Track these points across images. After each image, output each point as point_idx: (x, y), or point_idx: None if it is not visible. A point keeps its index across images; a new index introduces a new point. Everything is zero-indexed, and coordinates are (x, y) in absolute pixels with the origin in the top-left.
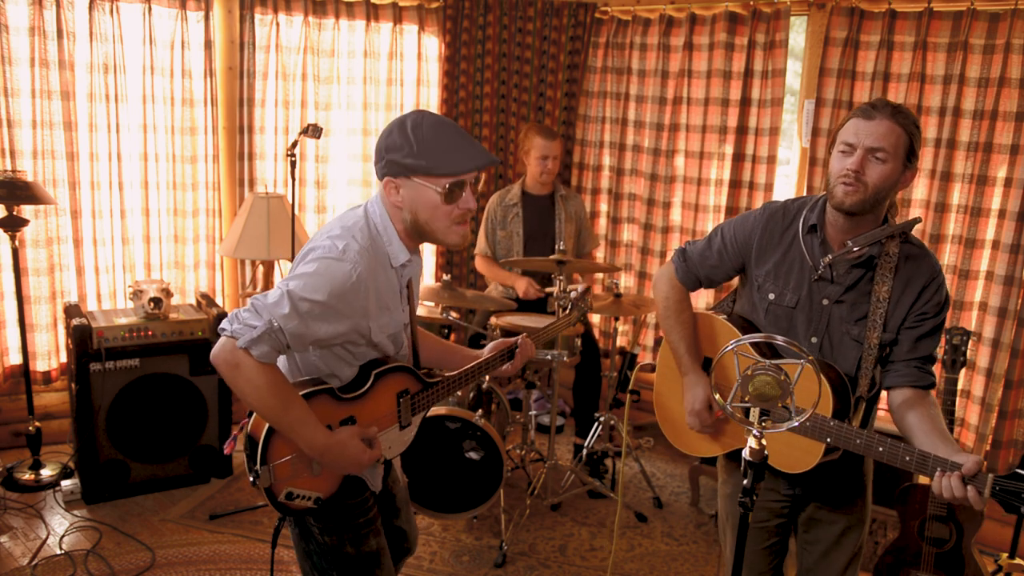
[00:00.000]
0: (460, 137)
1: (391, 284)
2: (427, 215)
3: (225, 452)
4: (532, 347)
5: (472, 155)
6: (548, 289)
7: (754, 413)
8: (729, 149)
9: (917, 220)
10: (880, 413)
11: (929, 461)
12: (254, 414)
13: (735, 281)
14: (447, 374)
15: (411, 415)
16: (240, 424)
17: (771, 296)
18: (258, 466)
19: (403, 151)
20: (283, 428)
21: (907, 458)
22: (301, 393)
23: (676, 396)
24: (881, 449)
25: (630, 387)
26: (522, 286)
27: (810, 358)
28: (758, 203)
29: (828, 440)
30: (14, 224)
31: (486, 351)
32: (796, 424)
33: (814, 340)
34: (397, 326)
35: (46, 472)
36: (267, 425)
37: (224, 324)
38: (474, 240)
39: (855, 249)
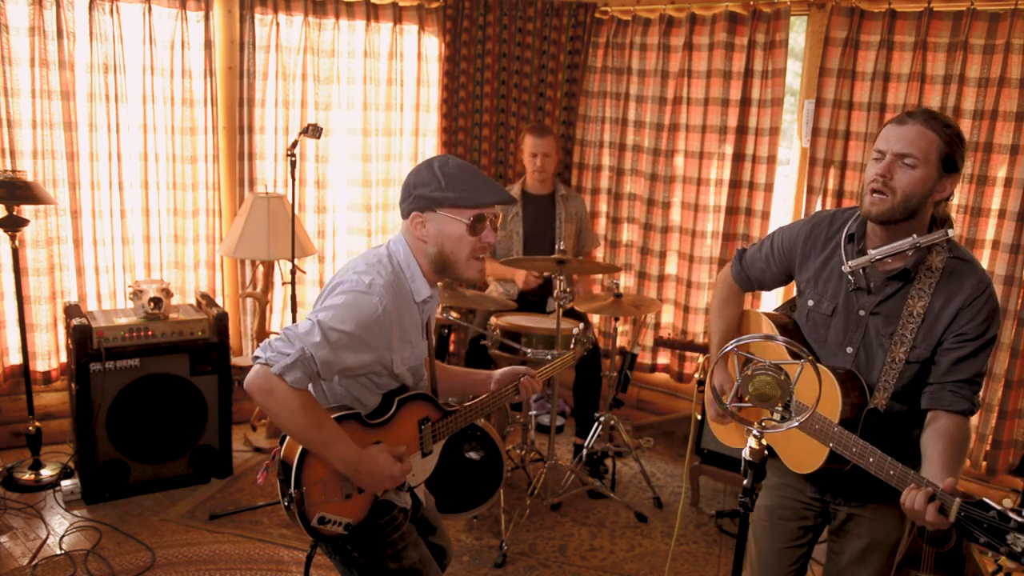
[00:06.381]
0: (482, 175)
1: (413, 319)
2: (452, 246)
3: (258, 482)
4: (536, 386)
5: (494, 191)
6: (546, 273)
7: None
8: (729, 149)
9: (944, 234)
10: None
11: (909, 478)
12: (286, 441)
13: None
14: (464, 404)
15: (432, 442)
16: (271, 454)
17: (810, 303)
18: (292, 489)
19: (431, 186)
20: (317, 447)
21: (891, 472)
22: (332, 417)
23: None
24: (871, 460)
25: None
26: (521, 276)
27: (809, 358)
28: (758, 203)
29: (831, 444)
30: (14, 224)
31: (496, 376)
32: (796, 424)
33: (849, 350)
34: (418, 359)
35: (46, 472)
36: (300, 449)
37: (258, 352)
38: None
39: (877, 258)
